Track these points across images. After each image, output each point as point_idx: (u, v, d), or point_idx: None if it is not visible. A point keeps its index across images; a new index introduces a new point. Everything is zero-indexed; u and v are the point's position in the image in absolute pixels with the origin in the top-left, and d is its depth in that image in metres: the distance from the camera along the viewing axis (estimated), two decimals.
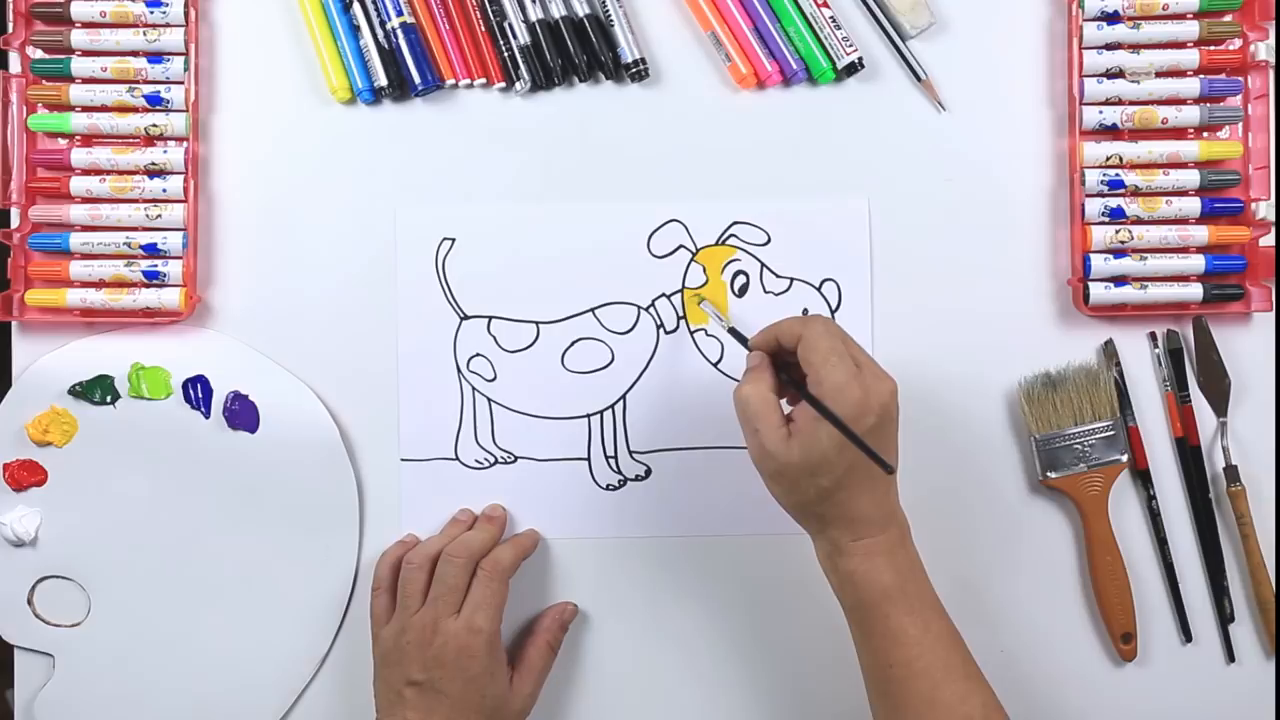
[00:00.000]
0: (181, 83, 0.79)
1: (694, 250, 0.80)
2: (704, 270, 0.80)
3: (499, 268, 0.80)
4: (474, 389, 0.80)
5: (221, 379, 0.79)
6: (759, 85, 0.80)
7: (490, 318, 0.80)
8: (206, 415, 0.79)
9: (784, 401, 0.69)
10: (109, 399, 0.79)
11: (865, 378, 0.65)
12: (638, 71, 0.79)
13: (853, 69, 0.79)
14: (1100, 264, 0.77)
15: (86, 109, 0.79)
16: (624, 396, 0.80)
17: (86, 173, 0.79)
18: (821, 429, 0.64)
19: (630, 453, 0.80)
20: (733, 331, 0.75)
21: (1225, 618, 0.78)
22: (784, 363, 0.69)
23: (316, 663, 0.79)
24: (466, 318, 0.80)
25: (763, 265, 0.79)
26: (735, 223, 0.80)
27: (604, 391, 0.80)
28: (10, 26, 0.79)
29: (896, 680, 0.66)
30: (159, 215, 0.78)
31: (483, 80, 0.80)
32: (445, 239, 0.80)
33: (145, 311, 0.78)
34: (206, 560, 0.79)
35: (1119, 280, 0.78)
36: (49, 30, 0.79)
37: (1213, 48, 0.78)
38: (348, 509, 0.79)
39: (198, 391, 0.79)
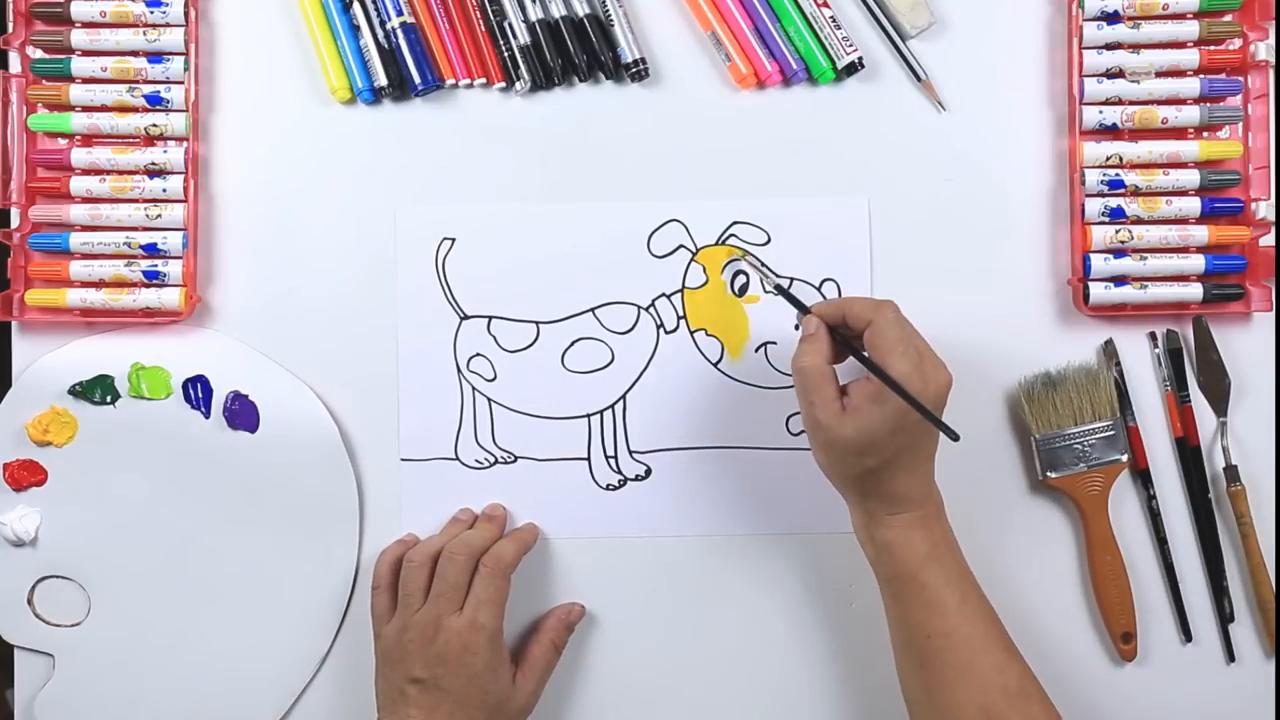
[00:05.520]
0: (181, 83, 0.79)
1: (694, 250, 0.80)
2: (704, 270, 0.80)
3: (499, 268, 0.80)
4: (474, 389, 0.80)
5: (221, 379, 0.79)
6: (759, 85, 0.80)
7: (490, 318, 0.80)
8: (206, 415, 0.79)
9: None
10: (109, 399, 0.79)
11: (926, 368, 0.66)
12: (638, 71, 0.79)
13: (853, 69, 0.79)
14: (1100, 264, 0.77)
15: (86, 109, 0.79)
16: (624, 396, 0.80)
17: (86, 173, 0.79)
18: (877, 412, 0.65)
19: (630, 453, 0.80)
20: (780, 289, 0.72)
21: (1225, 618, 0.78)
22: (840, 335, 0.69)
23: (316, 663, 0.79)
24: (466, 318, 0.80)
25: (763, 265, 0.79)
26: (735, 223, 0.80)
27: (604, 391, 0.80)
28: (10, 26, 0.79)
29: (935, 650, 0.67)
30: (159, 215, 0.78)
31: (483, 80, 0.80)
32: (445, 239, 0.80)
33: (145, 311, 0.78)
34: (206, 560, 0.79)
35: (1119, 280, 0.77)
36: (49, 30, 0.79)
37: (1213, 48, 0.78)
38: (348, 509, 0.79)
39: (198, 391, 0.79)
